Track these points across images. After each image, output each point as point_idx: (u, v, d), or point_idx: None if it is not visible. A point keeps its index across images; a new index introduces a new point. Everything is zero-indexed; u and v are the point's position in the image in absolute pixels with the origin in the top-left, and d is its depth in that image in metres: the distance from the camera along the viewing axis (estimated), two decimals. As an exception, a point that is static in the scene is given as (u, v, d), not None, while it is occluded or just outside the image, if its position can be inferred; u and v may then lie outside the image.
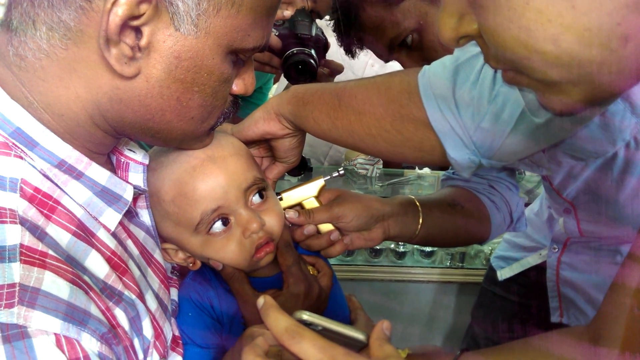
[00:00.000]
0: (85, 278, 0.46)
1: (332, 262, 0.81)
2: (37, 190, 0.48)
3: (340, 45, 0.98)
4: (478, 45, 0.41)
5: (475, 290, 1.34)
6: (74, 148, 0.50)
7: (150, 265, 0.62)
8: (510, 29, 0.35)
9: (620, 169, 0.79)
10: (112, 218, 0.54)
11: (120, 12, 0.43)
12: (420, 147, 0.68)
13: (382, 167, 1.77)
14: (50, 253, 0.44)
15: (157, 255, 0.64)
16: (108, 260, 0.51)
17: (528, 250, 1.15)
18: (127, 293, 0.52)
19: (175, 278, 0.72)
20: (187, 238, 0.66)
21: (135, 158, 0.60)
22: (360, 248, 0.94)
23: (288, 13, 1.08)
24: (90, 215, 0.52)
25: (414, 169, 1.84)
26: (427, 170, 1.82)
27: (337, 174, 0.82)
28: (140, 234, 0.62)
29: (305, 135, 0.80)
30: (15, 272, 0.41)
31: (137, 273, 0.56)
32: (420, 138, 0.67)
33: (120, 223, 0.56)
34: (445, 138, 0.65)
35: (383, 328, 0.48)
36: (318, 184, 0.79)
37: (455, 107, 0.63)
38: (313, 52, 1.02)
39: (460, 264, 1.67)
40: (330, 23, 0.98)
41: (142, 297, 0.55)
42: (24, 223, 0.45)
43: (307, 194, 0.79)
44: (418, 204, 0.86)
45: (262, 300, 0.50)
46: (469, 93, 0.62)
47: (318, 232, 0.79)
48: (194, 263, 0.69)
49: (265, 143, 0.80)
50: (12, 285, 0.41)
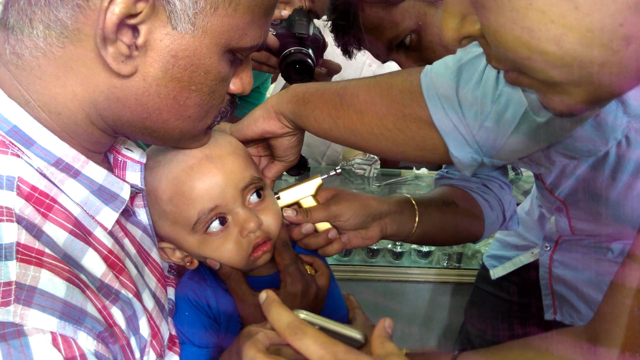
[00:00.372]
0: (82, 277, 0.46)
1: (329, 261, 0.81)
2: (33, 189, 0.47)
3: (338, 46, 0.98)
4: (480, 46, 0.41)
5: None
6: (71, 146, 0.50)
7: (147, 264, 0.62)
8: (513, 30, 0.35)
9: (612, 168, 0.79)
10: (109, 217, 0.54)
11: (117, 10, 0.43)
12: (423, 145, 0.68)
13: (379, 167, 1.78)
14: (47, 251, 0.44)
15: (154, 254, 0.64)
16: (105, 259, 0.51)
17: (520, 249, 1.15)
18: (123, 292, 0.52)
19: (173, 277, 0.72)
20: (184, 237, 0.66)
21: (133, 157, 0.60)
22: (358, 247, 0.94)
23: (286, 12, 1.08)
24: (87, 214, 0.52)
25: (412, 169, 1.84)
26: (424, 171, 1.82)
27: (334, 173, 0.82)
28: (138, 233, 0.62)
29: (304, 134, 0.80)
30: (12, 270, 0.41)
31: (134, 272, 0.56)
32: (423, 137, 0.67)
33: (118, 222, 0.56)
34: (448, 137, 0.65)
35: (385, 326, 0.48)
36: (315, 183, 0.80)
37: (459, 106, 0.63)
38: (310, 51, 1.02)
39: (457, 265, 1.67)
40: (328, 23, 0.98)
41: (138, 296, 0.54)
42: (21, 221, 0.44)
43: (304, 193, 0.79)
44: (414, 203, 0.86)
45: (264, 295, 0.50)
46: (472, 93, 0.62)
47: (316, 231, 0.79)
48: (191, 262, 0.69)
49: (264, 142, 0.80)
50: (8, 284, 0.41)
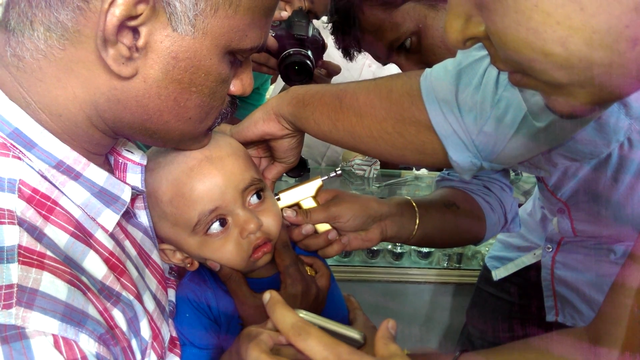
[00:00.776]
0: (83, 279, 0.46)
1: (329, 262, 0.81)
2: (35, 191, 0.48)
3: (338, 48, 0.98)
4: (485, 47, 0.41)
5: (472, 291, 1.34)
6: (72, 149, 0.50)
7: (148, 266, 0.62)
8: (518, 31, 0.35)
9: (614, 169, 0.79)
10: (110, 219, 0.54)
11: (118, 12, 0.43)
12: (422, 149, 0.68)
13: (379, 168, 1.78)
14: (48, 254, 0.44)
15: (154, 256, 0.64)
16: (106, 261, 0.51)
17: (522, 250, 1.15)
18: (125, 294, 0.52)
19: (173, 279, 0.72)
20: (184, 238, 0.66)
21: (133, 159, 0.60)
22: (358, 249, 0.94)
23: (285, 14, 1.08)
24: (88, 216, 0.52)
25: (412, 170, 1.84)
26: (424, 171, 1.82)
27: (334, 174, 0.82)
28: (138, 235, 0.62)
29: (304, 136, 0.80)
30: (13, 273, 0.41)
31: (134, 274, 0.56)
32: (422, 141, 0.67)
33: (118, 224, 0.56)
34: (447, 141, 0.65)
35: (388, 327, 0.48)
36: (316, 184, 0.80)
37: (458, 110, 0.63)
38: (310, 52, 1.02)
39: (457, 265, 1.67)
40: (329, 25, 0.98)
41: (139, 298, 0.55)
42: (22, 224, 0.44)
43: (304, 194, 0.79)
44: (414, 205, 0.86)
45: (268, 295, 0.50)
46: (472, 97, 0.62)
47: (316, 232, 0.79)
48: (192, 264, 0.69)
49: (264, 143, 0.80)
50: (10, 286, 0.41)
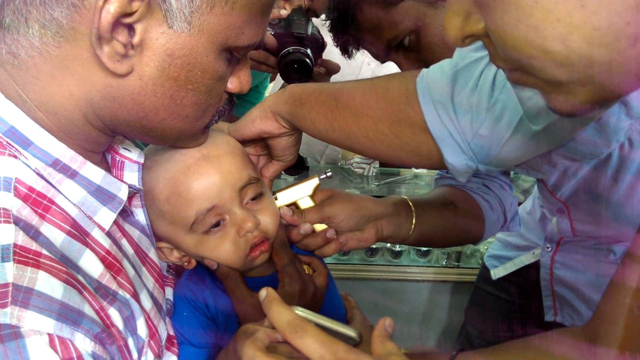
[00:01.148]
0: (79, 277, 0.46)
1: (327, 261, 0.81)
2: (31, 190, 0.47)
3: (337, 45, 0.98)
4: (484, 45, 0.40)
5: (471, 290, 1.34)
6: (69, 147, 0.50)
7: (145, 265, 0.62)
8: (518, 28, 0.34)
9: (614, 170, 0.79)
10: (106, 217, 0.54)
11: (112, 9, 0.43)
12: (418, 151, 0.68)
13: (378, 166, 1.77)
14: (44, 253, 0.44)
15: (151, 255, 0.64)
16: (102, 260, 0.51)
17: (521, 250, 1.15)
18: (121, 292, 0.52)
19: (171, 277, 0.71)
20: (181, 237, 0.66)
21: (131, 157, 0.60)
22: (354, 249, 0.94)
23: (285, 12, 1.08)
24: (85, 215, 0.52)
25: (410, 169, 1.84)
26: (423, 170, 1.82)
27: (324, 176, 0.80)
28: (135, 233, 0.61)
29: (302, 134, 0.80)
30: (9, 271, 0.41)
31: (131, 272, 0.56)
32: (418, 142, 0.67)
33: (115, 222, 0.56)
34: (443, 143, 0.65)
35: (385, 325, 0.48)
36: (313, 183, 0.79)
37: (454, 112, 0.63)
38: (309, 51, 1.02)
39: (456, 263, 1.67)
40: (327, 22, 0.97)
41: (136, 296, 0.54)
42: (18, 222, 0.44)
43: (301, 194, 0.79)
44: (411, 204, 0.86)
45: (264, 293, 0.50)
46: (468, 99, 0.62)
47: (314, 231, 0.79)
48: (189, 262, 0.69)
49: (262, 141, 0.80)
50: (5, 285, 0.41)
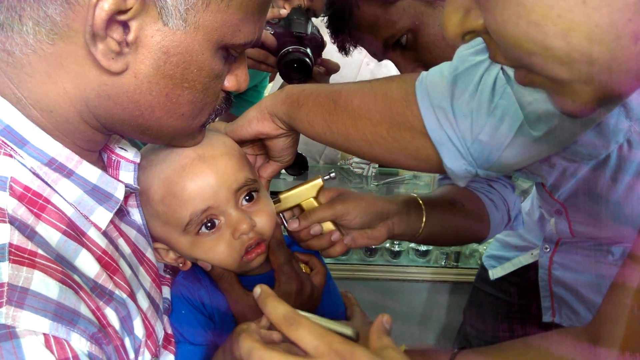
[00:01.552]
0: (75, 277, 0.46)
1: (327, 260, 0.81)
2: (26, 189, 0.47)
3: (334, 42, 0.97)
4: (484, 41, 0.40)
5: (470, 290, 1.34)
6: (64, 146, 0.50)
7: (142, 264, 0.62)
8: (519, 25, 0.34)
9: (613, 171, 0.79)
10: (102, 217, 0.54)
11: (107, 6, 0.43)
12: (416, 155, 0.67)
13: (377, 166, 1.77)
14: (40, 252, 0.44)
15: (149, 254, 0.64)
16: (98, 260, 0.51)
17: (520, 250, 1.15)
18: (117, 292, 0.51)
19: (168, 276, 0.71)
20: (176, 238, 0.65)
21: (127, 156, 0.59)
22: (363, 246, 0.93)
23: (284, 11, 1.08)
24: (81, 214, 0.52)
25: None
26: (422, 170, 1.82)
27: (328, 177, 0.79)
28: (132, 233, 0.61)
29: (300, 135, 0.79)
30: (4, 271, 0.41)
31: (128, 272, 0.56)
32: (417, 146, 0.66)
33: (112, 221, 0.56)
34: (442, 148, 0.64)
35: (383, 321, 0.48)
36: (316, 185, 0.78)
37: (453, 117, 0.62)
38: (309, 50, 1.02)
39: (455, 264, 1.67)
40: (325, 19, 0.97)
41: (133, 296, 0.54)
42: (13, 222, 0.44)
43: (306, 195, 0.78)
44: (421, 203, 0.86)
45: (258, 290, 0.50)
46: (468, 104, 0.61)
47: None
48: (184, 263, 0.69)
49: (260, 141, 0.80)
50: (0, 285, 0.40)
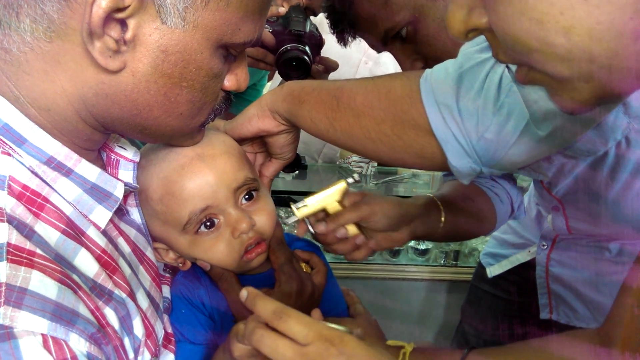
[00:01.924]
0: (74, 277, 0.46)
1: (327, 259, 0.81)
2: (25, 188, 0.47)
3: (333, 33, 0.97)
4: (487, 39, 0.40)
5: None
6: (63, 144, 0.50)
7: (142, 263, 0.61)
8: (521, 22, 0.34)
9: (611, 168, 0.79)
10: (102, 216, 0.53)
11: (104, 4, 0.42)
12: (421, 153, 0.67)
13: (376, 165, 1.77)
14: (38, 252, 0.44)
15: (149, 253, 0.64)
16: (98, 259, 0.51)
17: (517, 247, 1.15)
18: (117, 292, 0.51)
19: (168, 276, 0.71)
20: (175, 237, 0.65)
21: (126, 155, 0.59)
22: (386, 249, 0.94)
23: (283, 10, 1.07)
24: (80, 213, 0.51)
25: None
26: (421, 169, 1.82)
27: (352, 181, 0.79)
28: (132, 232, 0.61)
29: (300, 131, 0.79)
30: (2, 271, 0.41)
31: (127, 271, 0.55)
32: (421, 144, 0.66)
33: (111, 221, 0.55)
34: (447, 146, 0.63)
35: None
36: (341, 188, 0.77)
37: (459, 115, 0.62)
38: (307, 48, 1.01)
39: (454, 262, 1.67)
40: (325, 15, 0.96)
41: (132, 295, 0.54)
42: (12, 221, 0.44)
43: (330, 199, 0.77)
44: (439, 204, 0.86)
45: (245, 293, 0.52)
46: (473, 102, 0.61)
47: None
48: (184, 263, 0.69)
49: (259, 139, 0.79)
50: None
